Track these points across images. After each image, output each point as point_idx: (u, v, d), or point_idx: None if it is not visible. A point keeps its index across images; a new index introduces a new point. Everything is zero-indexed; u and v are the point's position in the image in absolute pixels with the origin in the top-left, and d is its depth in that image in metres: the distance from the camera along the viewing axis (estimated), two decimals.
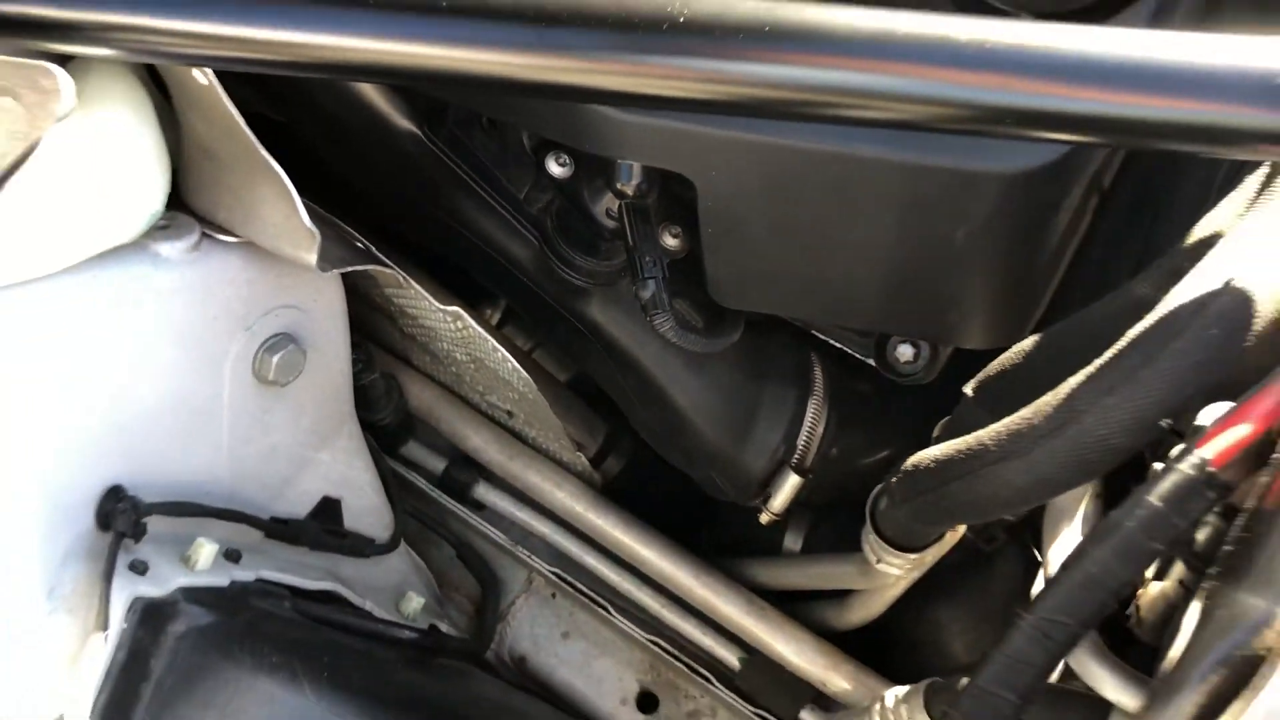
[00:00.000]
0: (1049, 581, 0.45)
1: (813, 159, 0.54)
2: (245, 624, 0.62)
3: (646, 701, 0.79)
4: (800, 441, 0.68)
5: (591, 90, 0.45)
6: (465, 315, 0.65)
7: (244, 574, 0.65)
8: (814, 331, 0.70)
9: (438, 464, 0.84)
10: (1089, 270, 0.66)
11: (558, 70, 0.45)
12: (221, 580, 0.62)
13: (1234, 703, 0.38)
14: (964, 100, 0.42)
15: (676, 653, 0.77)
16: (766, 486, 0.69)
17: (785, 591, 0.81)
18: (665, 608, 0.77)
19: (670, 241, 0.62)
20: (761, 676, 0.75)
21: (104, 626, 0.53)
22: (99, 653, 0.53)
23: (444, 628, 0.77)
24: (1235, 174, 0.55)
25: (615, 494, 0.84)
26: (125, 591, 0.55)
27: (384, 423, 0.81)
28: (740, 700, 0.76)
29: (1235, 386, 0.44)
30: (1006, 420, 0.49)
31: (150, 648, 0.55)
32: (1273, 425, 0.43)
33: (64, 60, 0.46)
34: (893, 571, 0.62)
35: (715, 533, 0.84)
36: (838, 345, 0.70)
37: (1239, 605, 0.39)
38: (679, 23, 0.43)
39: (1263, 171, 0.52)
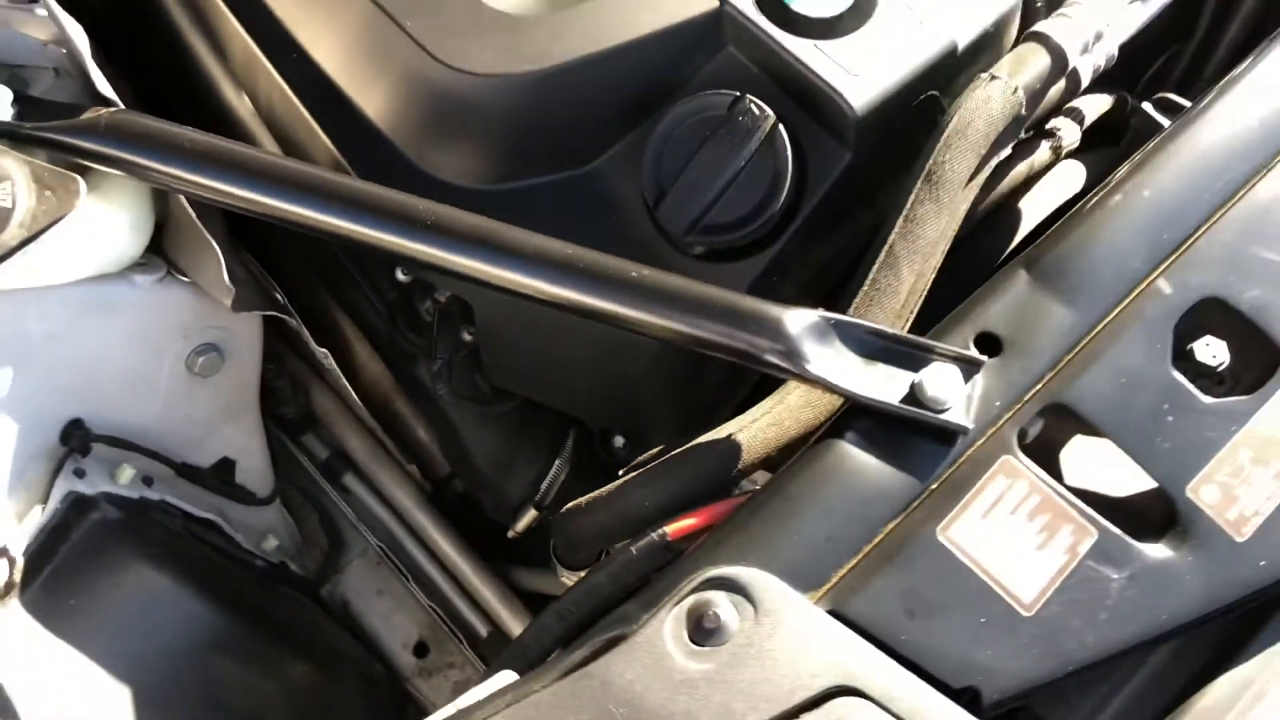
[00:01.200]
0: (572, 586, 0.75)
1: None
2: (143, 525, 0.93)
3: (421, 649, 1.10)
4: (542, 486, 0.99)
5: (390, 251, 0.77)
6: (330, 357, 0.97)
7: (153, 495, 0.96)
8: None
9: (323, 453, 1.16)
10: None
11: (370, 238, 0.77)
12: (134, 494, 0.94)
13: None
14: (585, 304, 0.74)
15: (447, 619, 1.08)
16: (516, 513, 1.00)
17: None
18: (447, 585, 1.08)
19: (466, 336, 0.93)
20: (496, 645, 1.05)
21: (44, 502, 0.85)
22: (37, 517, 0.85)
23: (293, 567, 1.09)
24: None
25: (453, 500, 1.15)
26: (65, 485, 0.87)
27: (288, 416, 1.13)
28: (480, 660, 1.06)
29: None
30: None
31: (73, 524, 0.87)
32: (711, 521, 0.73)
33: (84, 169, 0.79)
34: (568, 581, 0.92)
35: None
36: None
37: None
38: (433, 224, 0.75)
39: None
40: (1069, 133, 0.95)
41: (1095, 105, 1.01)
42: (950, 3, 0.85)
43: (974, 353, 0.74)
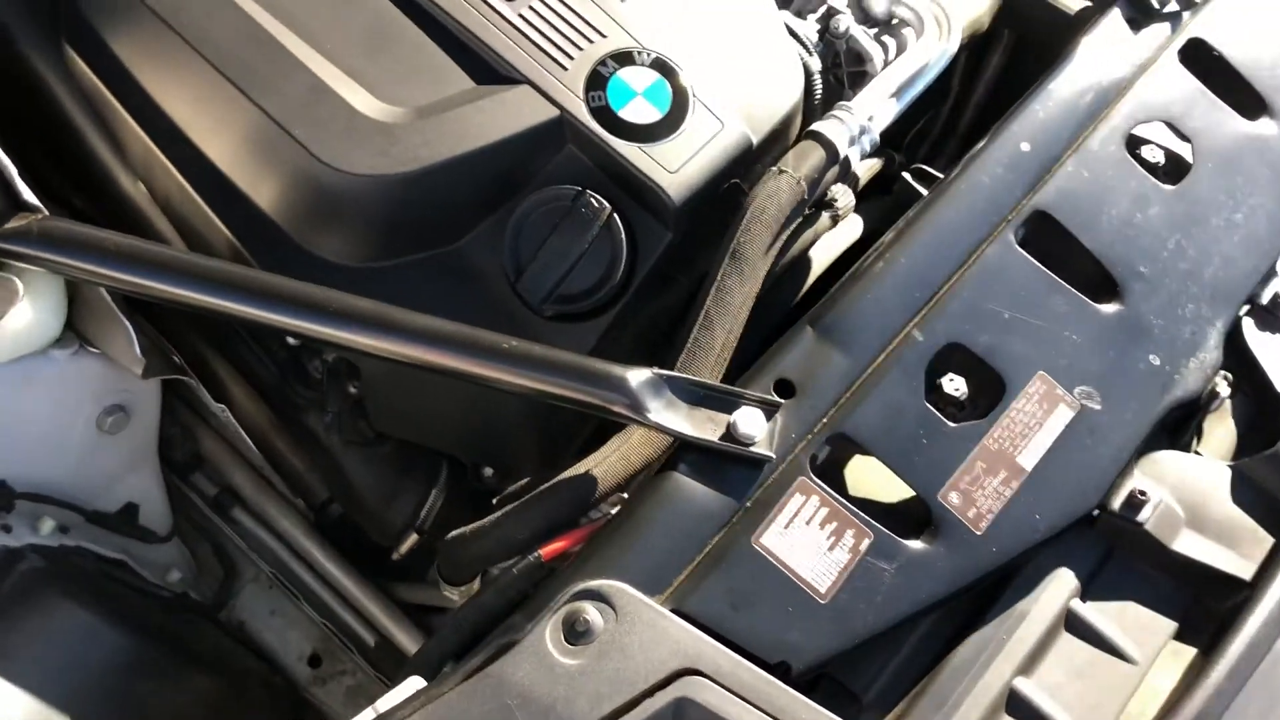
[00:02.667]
0: (465, 603, 0.92)
1: None
2: (64, 570, 1.05)
3: (315, 660, 1.25)
4: (422, 513, 1.15)
5: (287, 331, 0.91)
6: (225, 411, 1.10)
7: (69, 541, 1.08)
8: None
9: (212, 490, 1.28)
10: None
11: (269, 320, 0.91)
12: (54, 543, 1.05)
13: None
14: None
15: (337, 632, 1.23)
16: (399, 537, 1.16)
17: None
18: (335, 602, 1.23)
19: (351, 389, 1.08)
20: (384, 652, 1.21)
21: None
22: None
23: (193, 595, 1.21)
24: None
25: (333, 523, 1.29)
26: None
27: (178, 458, 1.25)
28: (371, 666, 1.22)
29: None
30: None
31: (3, 575, 0.98)
32: (576, 543, 0.91)
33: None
34: (453, 597, 1.09)
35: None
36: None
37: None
38: (324, 307, 0.90)
39: None
40: (844, 199, 1.16)
41: (867, 168, 1.23)
42: (745, 105, 1.05)
43: (773, 396, 0.95)
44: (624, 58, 1.03)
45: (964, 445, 0.96)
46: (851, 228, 1.20)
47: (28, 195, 0.93)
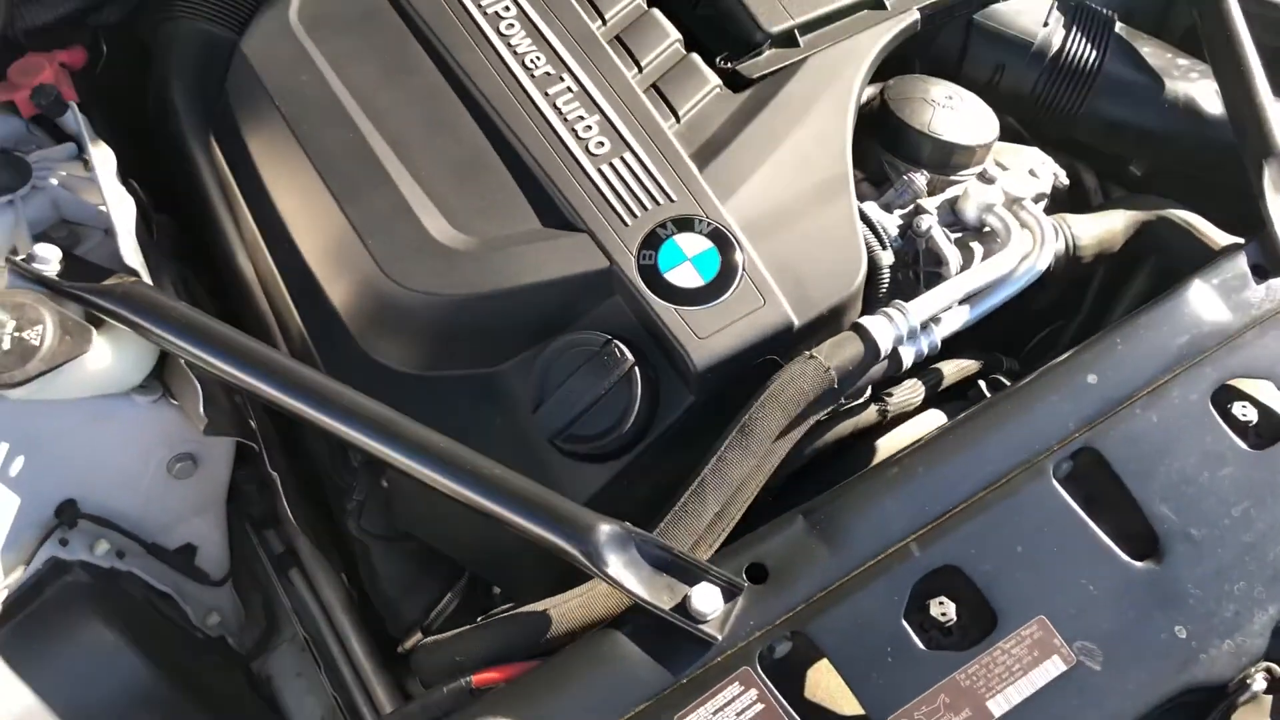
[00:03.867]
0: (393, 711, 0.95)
1: None
2: (108, 590, 1.16)
3: None
4: (432, 614, 1.19)
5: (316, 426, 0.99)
6: (277, 479, 1.19)
7: (122, 566, 1.19)
8: None
9: (278, 548, 1.37)
10: None
11: (309, 416, 0.98)
12: (106, 564, 1.16)
13: None
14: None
15: (344, 709, 1.28)
16: (408, 632, 1.20)
17: None
18: (350, 679, 1.28)
19: (383, 484, 1.14)
20: None
21: (28, 563, 1.08)
22: (19, 574, 1.08)
23: (230, 641, 1.30)
24: None
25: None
26: (49, 550, 1.10)
27: (254, 513, 1.36)
28: None
29: None
30: None
31: (48, 582, 1.10)
32: (506, 677, 0.92)
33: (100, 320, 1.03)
34: None
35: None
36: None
37: None
38: (353, 411, 0.97)
39: None
40: (904, 395, 1.14)
41: (957, 367, 1.20)
42: (796, 288, 1.06)
43: (741, 579, 0.94)
44: (684, 223, 1.07)
45: (932, 674, 0.92)
46: (929, 421, 1.17)
47: (130, 259, 1.06)
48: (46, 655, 1.10)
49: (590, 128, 1.12)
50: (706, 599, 0.92)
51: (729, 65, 1.19)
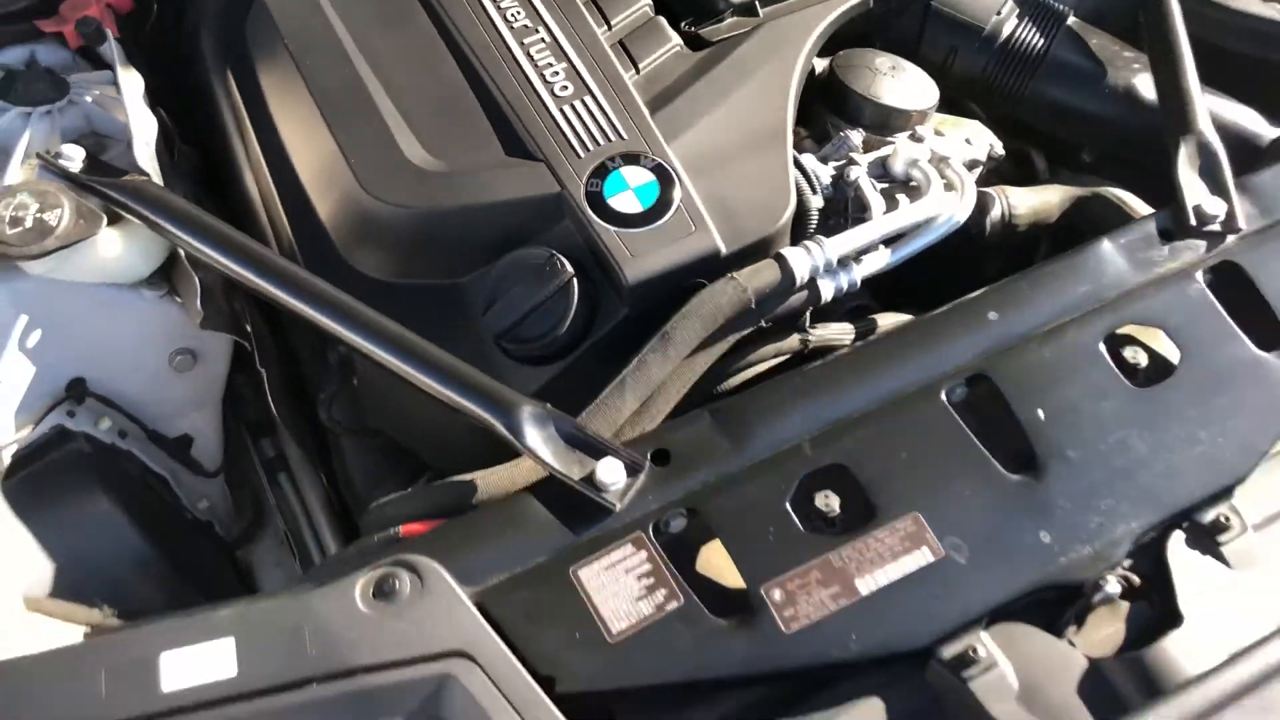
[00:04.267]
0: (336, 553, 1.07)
1: None
2: (107, 463, 1.30)
3: None
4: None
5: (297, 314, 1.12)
6: (265, 375, 1.33)
7: (123, 445, 1.33)
8: None
9: (270, 453, 1.51)
10: None
11: (288, 304, 1.12)
12: (108, 440, 1.30)
13: None
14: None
15: None
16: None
17: None
18: None
19: (355, 382, 1.28)
20: None
21: (34, 426, 1.23)
22: (28, 435, 1.22)
23: (218, 529, 1.44)
24: None
25: None
26: (57, 417, 1.24)
27: (251, 418, 1.49)
28: None
29: None
30: None
31: (54, 446, 1.24)
32: (428, 529, 1.04)
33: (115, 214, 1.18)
34: None
35: None
36: None
37: None
38: (331, 302, 1.11)
39: None
40: (829, 333, 1.24)
41: (894, 320, 1.30)
42: (726, 221, 1.17)
43: (643, 460, 1.05)
44: (630, 158, 1.19)
45: (807, 552, 1.01)
46: None
47: (144, 163, 1.21)
48: (47, 511, 1.24)
49: (557, 73, 1.25)
50: (610, 473, 1.03)
51: (691, 29, 1.32)
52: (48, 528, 1.23)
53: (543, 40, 1.28)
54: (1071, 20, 1.47)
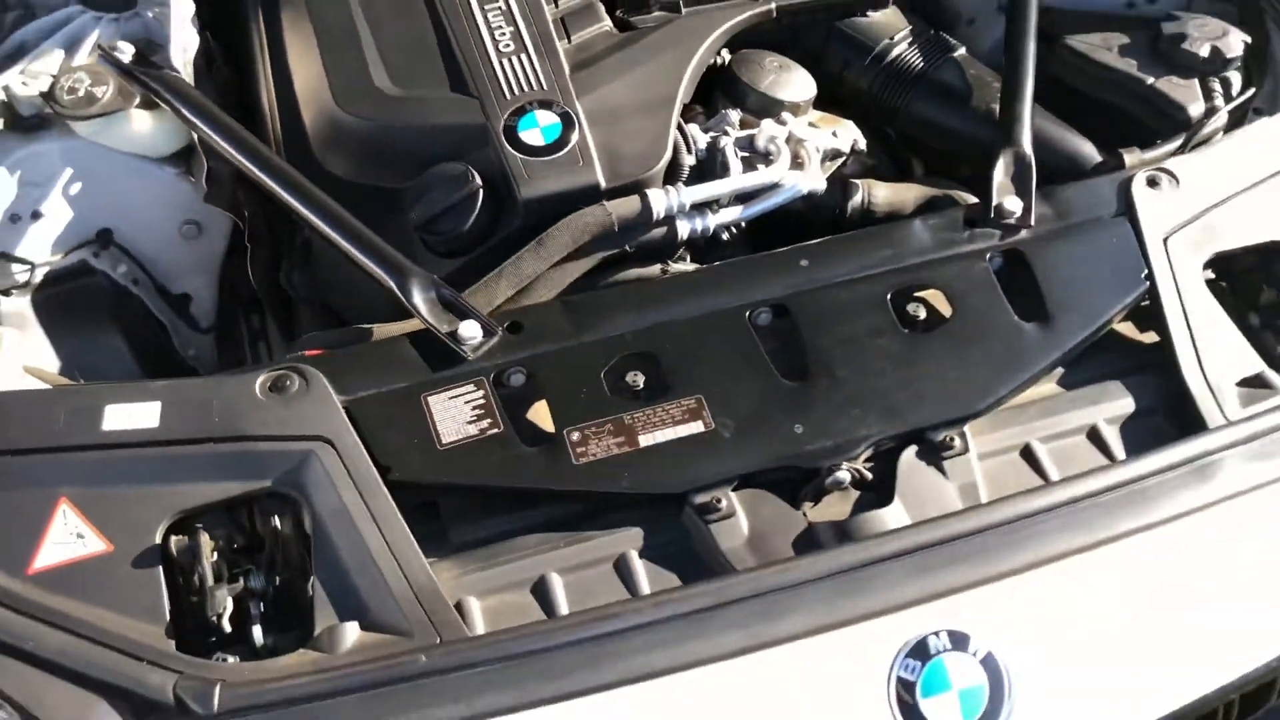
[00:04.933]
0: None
1: None
2: (118, 300, 1.63)
3: None
4: None
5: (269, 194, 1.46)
6: (250, 249, 1.66)
7: (134, 291, 1.67)
8: None
9: (256, 326, 1.84)
10: None
11: (260, 181, 1.46)
12: (123, 284, 1.64)
13: None
14: None
15: None
16: None
17: None
18: None
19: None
20: None
21: (64, 255, 1.58)
22: (58, 260, 1.57)
23: (200, 373, 1.77)
24: None
25: None
26: (83, 254, 1.58)
27: (242, 295, 1.83)
28: None
29: None
30: None
31: (78, 274, 1.58)
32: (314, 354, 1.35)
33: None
34: None
35: None
36: None
37: None
38: (293, 184, 1.44)
39: None
40: (680, 267, 1.52)
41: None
42: (610, 163, 1.47)
43: (499, 326, 1.35)
44: (545, 104, 1.50)
45: (606, 410, 1.30)
46: None
47: (177, 64, 1.57)
48: (64, 325, 1.58)
49: (504, 33, 1.57)
50: (470, 330, 1.34)
51: (623, 15, 1.63)
52: (62, 339, 1.58)
53: (500, 8, 1.60)
54: (959, 54, 1.74)
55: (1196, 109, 1.66)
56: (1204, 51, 1.68)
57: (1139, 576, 1.21)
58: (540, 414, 1.35)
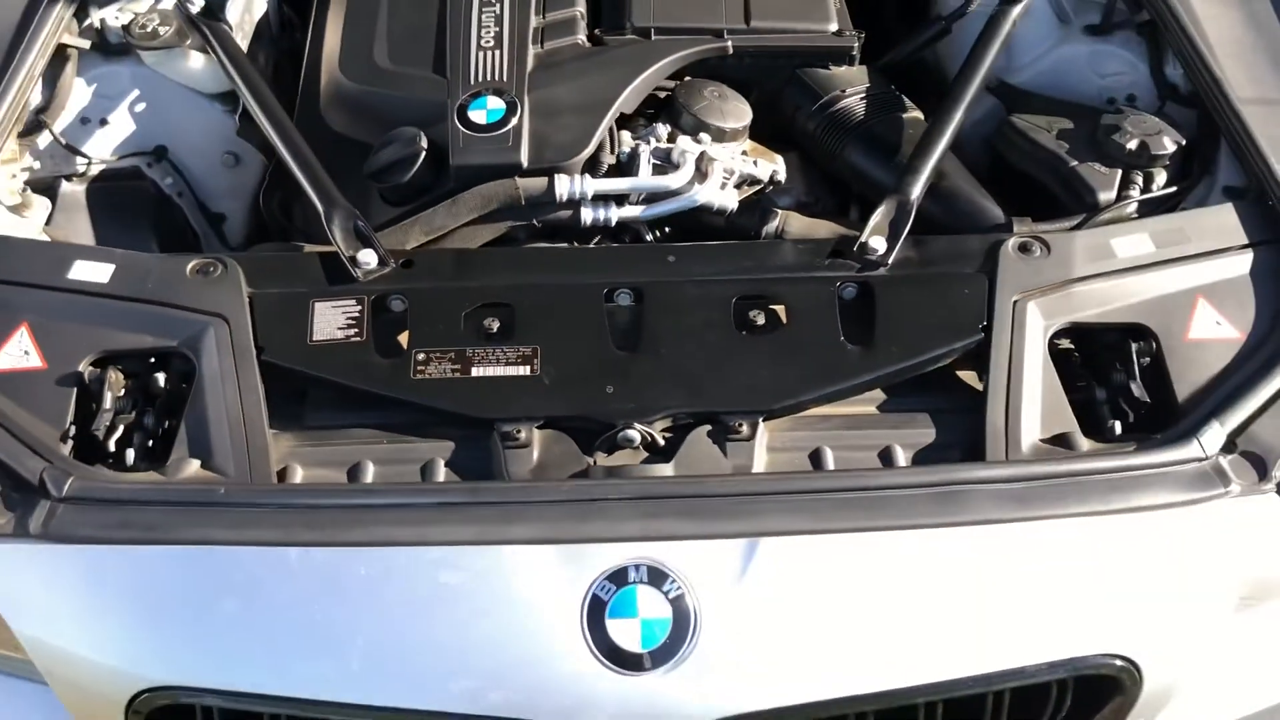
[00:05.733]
0: None
1: None
2: (162, 207, 1.98)
3: None
4: None
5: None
6: (267, 173, 1.98)
7: (178, 201, 2.02)
8: None
9: None
10: None
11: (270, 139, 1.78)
12: (170, 193, 1.99)
13: None
14: None
15: None
16: None
17: None
18: None
19: None
20: None
21: (120, 159, 1.94)
22: (112, 160, 1.94)
23: None
24: None
25: None
26: (139, 162, 1.96)
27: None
28: None
29: None
30: None
31: (131, 177, 1.94)
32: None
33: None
34: None
35: None
36: None
37: None
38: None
39: None
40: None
41: None
42: (537, 147, 1.70)
43: (392, 261, 1.60)
44: (499, 92, 1.76)
45: (455, 343, 1.53)
46: None
47: (231, 20, 1.92)
48: (110, 217, 1.94)
49: (489, 32, 1.84)
50: (368, 258, 1.60)
51: (596, 32, 1.87)
52: (104, 228, 1.93)
53: (494, 12, 1.87)
54: (909, 114, 1.89)
55: (1107, 195, 1.74)
56: (1132, 145, 1.77)
57: (846, 569, 1.34)
58: (406, 337, 1.59)
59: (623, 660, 1.29)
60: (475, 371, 1.51)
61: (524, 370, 1.51)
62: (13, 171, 1.81)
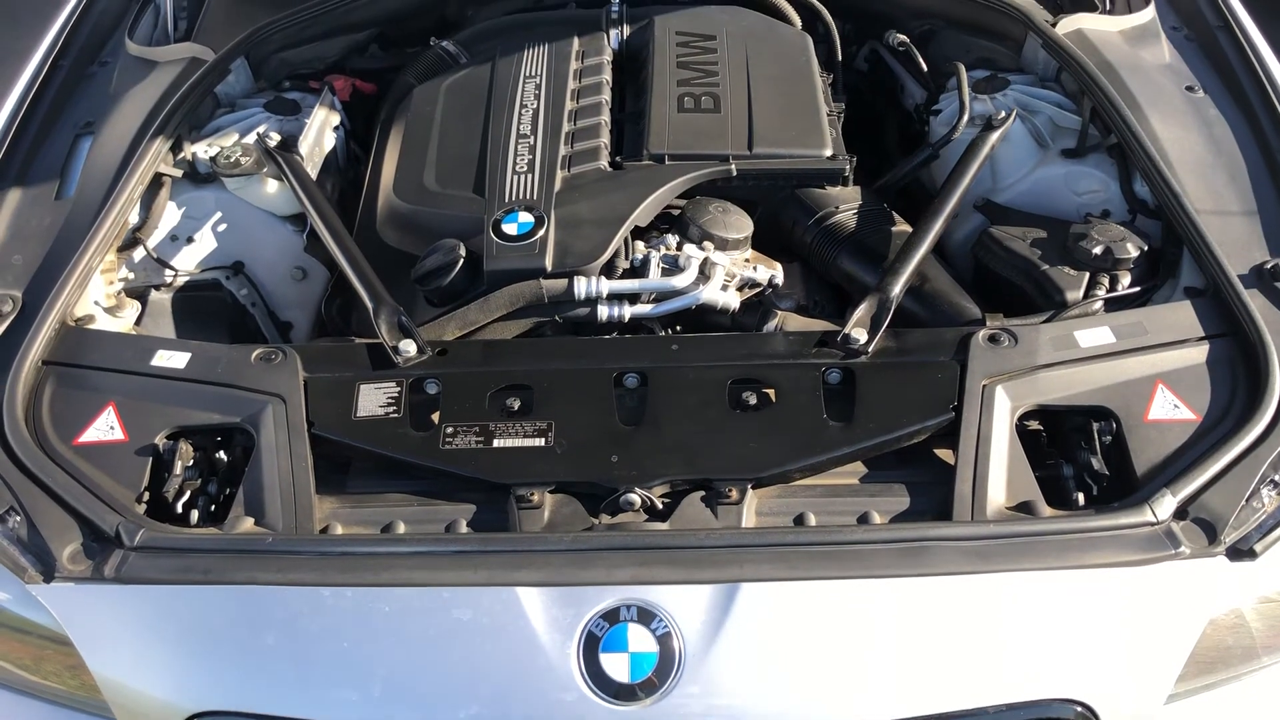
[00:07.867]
0: None
1: None
2: (237, 316, 2.24)
3: None
4: None
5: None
6: (330, 286, 2.24)
7: (251, 310, 2.28)
8: None
9: None
10: None
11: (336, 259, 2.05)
12: (245, 304, 2.26)
13: None
14: None
15: None
16: None
17: None
18: None
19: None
20: None
21: (203, 272, 2.22)
22: (195, 274, 2.22)
23: None
24: None
25: None
26: (219, 275, 2.23)
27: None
28: None
29: None
30: None
31: (210, 288, 2.21)
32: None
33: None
34: None
35: None
36: None
37: None
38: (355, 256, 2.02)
39: None
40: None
41: None
42: (561, 253, 1.93)
43: (429, 349, 1.82)
44: (529, 208, 2.00)
45: (480, 418, 1.73)
46: None
47: (304, 153, 2.21)
48: (189, 322, 2.21)
49: (523, 160, 2.10)
50: (408, 347, 1.82)
51: (617, 159, 2.12)
52: (185, 332, 2.19)
53: (528, 143, 2.14)
54: (896, 228, 2.09)
55: (1075, 294, 1.92)
56: (1097, 250, 1.95)
57: (819, 614, 1.48)
58: (438, 415, 1.80)
59: (613, 690, 1.44)
60: (496, 443, 1.71)
61: (539, 442, 1.70)
62: (111, 280, 2.09)
